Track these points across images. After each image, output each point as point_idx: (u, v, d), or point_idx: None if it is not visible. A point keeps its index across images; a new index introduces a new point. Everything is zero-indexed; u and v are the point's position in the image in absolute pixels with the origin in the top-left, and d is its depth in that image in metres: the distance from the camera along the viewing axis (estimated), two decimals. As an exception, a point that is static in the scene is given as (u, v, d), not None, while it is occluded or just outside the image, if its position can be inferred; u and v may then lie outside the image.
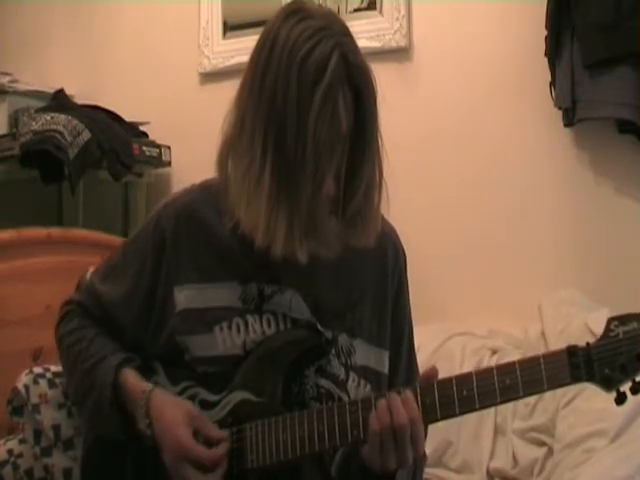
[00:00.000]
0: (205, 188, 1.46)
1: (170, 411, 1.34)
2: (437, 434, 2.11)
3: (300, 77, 1.24)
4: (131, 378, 1.40)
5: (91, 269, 1.56)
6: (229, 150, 1.34)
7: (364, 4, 2.78)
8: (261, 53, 1.30)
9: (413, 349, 1.55)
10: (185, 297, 1.41)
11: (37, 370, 1.71)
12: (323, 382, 1.39)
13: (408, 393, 1.25)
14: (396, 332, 1.50)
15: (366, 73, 1.29)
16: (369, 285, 1.47)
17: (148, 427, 1.35)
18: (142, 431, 1.35)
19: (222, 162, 1.36)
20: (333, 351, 1.40)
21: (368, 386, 1.43)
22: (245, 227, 1.31)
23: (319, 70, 1.24)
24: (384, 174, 1.35)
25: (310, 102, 1.24)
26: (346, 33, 1.31)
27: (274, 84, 1.26)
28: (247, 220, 1.30)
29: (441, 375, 1.29)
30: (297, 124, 1.24)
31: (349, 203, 1.31)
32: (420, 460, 1.40)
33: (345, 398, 1.39)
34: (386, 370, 1.47)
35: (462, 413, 1.25)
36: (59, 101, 2.92)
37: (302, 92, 1.24)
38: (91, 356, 1.44)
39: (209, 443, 1.33)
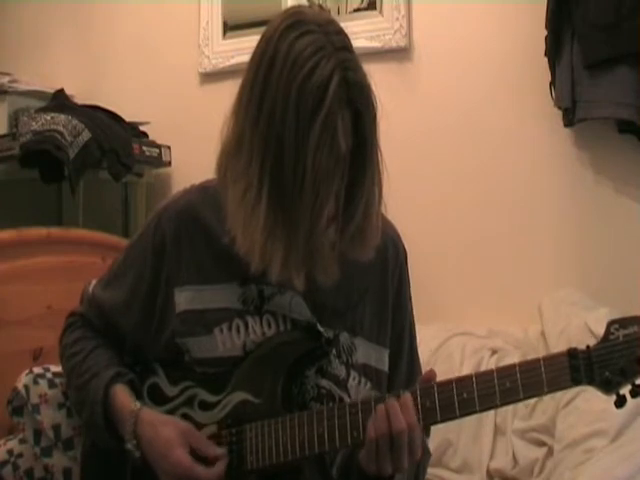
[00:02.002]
0: (204, 189, 1.46)
1: (163, 432, 1.33)
2: (437, 434, 2.10)
3: (298, 105, 1.21)
4: (120, 396, 1.40)
5: (93, 281, 1.57)
6: (227, 161, 1.33)
7: (364, 4, 2.78)
8: (259, 69, 1.27)
9: (415, 347, 1.55)
10: (185, 299, 1.41)
11: (37, 370, 1.71)
12: (324, 382, 1.39)
13: (407, 397, 1.25)
14: (397, 330, 1.50)
15: (366, 91, 1.26)
16: (369, 284, 1.47)
17: (136, 448, 1.35)
18: (130, 451, 1.35)
19: (221, 170, 1.35)
20: (334, 351, 1.40)
21: (368, 384, 1.43)
22: (241, 250, 1.30)
23: (318, 97, 1.21)
24: (383, 189, 1.33)
25: (309, 132, 1.21)
26: (346, 47, 1.27)
27: (272, 108, 1.23)
28: (243, 245, 1.29)
29: (441, 375, 1.29)
30: (295, 155, 1.22)
31: (349, 222, 1.30)
32: (425, 457, 1.40)
33: (346, 398, 1.39)
34: (386, 368, 1.47)
35: (462, 415, 1.25)
36: (59, 101, 2.92)
37: (300, 122, 1.21)
38: (85, 372, 1.45)
39: (205, 460, 1.32)
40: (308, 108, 1.21)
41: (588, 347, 1.23)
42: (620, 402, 1.22)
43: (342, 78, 1.23)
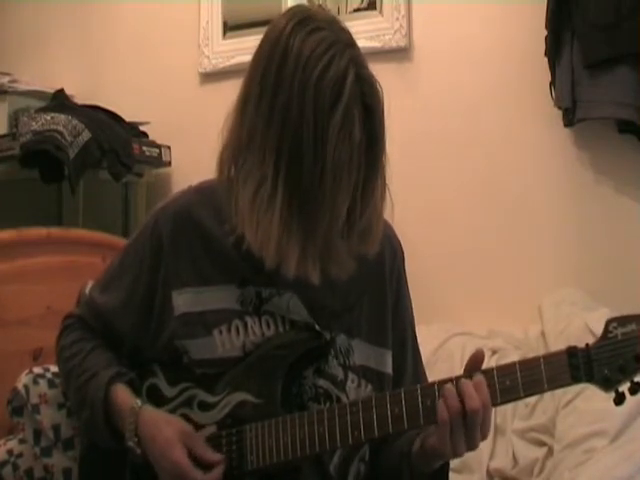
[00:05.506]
0: (201, 190, 1.45)
1: (164, 431, 1.33)
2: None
3: (316, 99, 1.22)
4: (121, 394, 1.39)
5: (90, 283, 1.56)
6: (232, 159, 1.32)
7: (364, 4, 2.78)
8: (270, 65, 1.27)
9: (418, 347, 1.54)
10: (184, 301, 1.40)
11: (37, 370, 1.71)
12: (321, 382, 1.39)
13: (480, 377, 1.24)
14: (399, 333, 1.49)
15: (376, 87, 1.28)
16: (367, 286, 1.46)
17: (137, 445, 1.34)
18: (131, 449, 1.35)
19: (223, 168, 1.34)
20: (332, 352, 1.40)
21: (369, 386, 1.43)
22: (253, 247, 1.29)
23: (335, 91, 1.23)
24: (387, 181, 1.34)
25: (328, 125, 1.22)
26: (353, 44, 1.29)
27: (287, 104, 1.23)
28: (256, 241, 1.28)
29: (441, 376, 1.29)
30: (314, 148, 1.22)
31: (361, 218, 1.30)
32: None
33: (344, 398, 1.39)
34: (388, 370, 1.46)
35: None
36: (59, 101, 2.92)
37: (319, 115, 1.22)
38: (84, 372, 1.44)
39: (203, 464, 1.32)
40: (326, 102, 1.22)
41: (587, 345, 1.23)
42: (619, 399, 1.23)
43: (356, 74, 1.25)
